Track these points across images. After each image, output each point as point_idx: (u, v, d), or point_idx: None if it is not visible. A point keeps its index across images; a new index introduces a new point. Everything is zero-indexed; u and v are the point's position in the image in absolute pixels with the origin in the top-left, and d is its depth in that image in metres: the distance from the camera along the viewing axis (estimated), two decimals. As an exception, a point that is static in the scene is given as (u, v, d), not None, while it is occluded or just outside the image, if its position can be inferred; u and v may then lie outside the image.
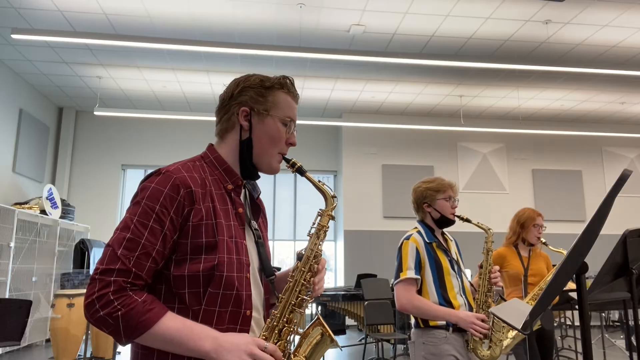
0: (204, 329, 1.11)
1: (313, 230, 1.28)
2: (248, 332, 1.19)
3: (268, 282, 1.29)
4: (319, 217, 1.30)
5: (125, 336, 1.06)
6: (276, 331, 1.19)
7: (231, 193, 1.27)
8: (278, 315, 1.20)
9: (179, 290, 1.14)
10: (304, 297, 1.22)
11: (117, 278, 1.06)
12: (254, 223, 1.31)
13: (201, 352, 1.08)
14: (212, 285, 1.14)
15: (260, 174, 1.35)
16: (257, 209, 1.37)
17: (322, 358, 1.29)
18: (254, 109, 1.29)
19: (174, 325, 1.08)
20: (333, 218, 1.31)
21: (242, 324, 1.18)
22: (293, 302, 1.21)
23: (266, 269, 1.29)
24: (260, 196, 1.43)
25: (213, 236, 1.16)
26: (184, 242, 1.15)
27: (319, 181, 1.33)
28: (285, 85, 1.32)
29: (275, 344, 1.17)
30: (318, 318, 1.26)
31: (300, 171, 1.30)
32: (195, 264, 1.14)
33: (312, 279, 1.24)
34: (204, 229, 1.16)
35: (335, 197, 1.32)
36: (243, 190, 1.34)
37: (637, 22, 6.19)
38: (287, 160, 1.31)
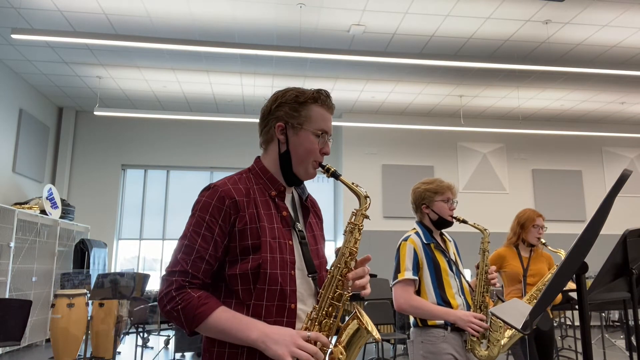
0: (251, 321, 1.26)
1: (347, 229, 1.38)
2: (294, 324, 1.32)
3: (311, 278, 1.40)
4: (353, 217, 1.40)
5: (187, 326, 1.25)
6: (317, 323, 1.30)
7: (275, 199, 1.41)
8: (318, 308, 1.31)
9: (234, 287, 1.31)
10: (342, 291, 1.32)
11: (177, 278, 1.26)
12: (298, 224, 1.43)
13: (249, 341, 1.23)
14: (259, 281, 1.29)
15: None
16: (307, 210, 1.50)
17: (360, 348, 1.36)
18: (289, 123, 1.41)
19: (224, 317, 1.25)
20: (367, 217, 1.40)
21: (288, 317, 1.31)
22: (331, 296, 1.32)
23: (308, 267, 1.39)
24: None
25: (257, 238, 1.32)
26: (234, 245, 1.31)
27: (353, 183, 1.44)
28: (319, 99, 1.43)
29: None
30: (356, 311, 1.34)
31: (335, 175, 1.45)
32: (244, 263, 1.30)
33: (347, 274, 1.33)
34: (249, 232, 1.32)
35: (368, 197, 1.43)
36: (290, 195, 1.48)
37: (637, 22, 6.19)
38: (323, 167, 1.44)
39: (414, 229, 2.46)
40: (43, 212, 7.28)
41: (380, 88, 8.40)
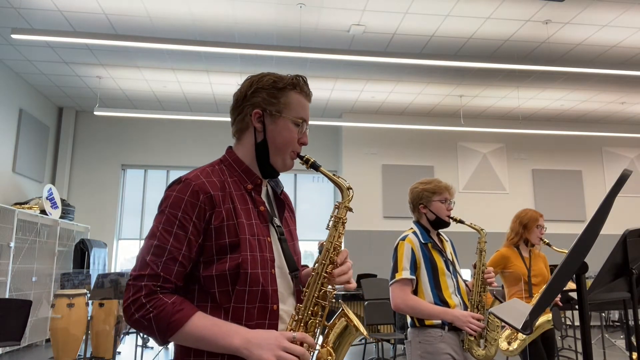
0: (232, 327, 1.16)
1: (330, 223, 1.31)
2: (277, 326, 1.24)
3: (293, 276, 1.32)
4: (336, 210, 1.32)
5: (160, 336, 1.13)
6: (302, 324, 1.23)
7: (252, 192, 1.31)
8: (303, 308, 1.24)
9: (209, 289, 1.20)
10: (327, 289, 1.25)
11: (147, 283, 1.14)
12: (276, 220, 1.34)
13: (231, 348, 1.13)
14: (238, 283, 1.19)
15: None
16: (282, 204, 1.41)
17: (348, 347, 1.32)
18: (267, 110, 1.31)
19: (202, 324, 1.14)
20: (351, 210, 1.33)
21: (270, 319, 1.23)
22: (316, 295, 1.25)
23: (289, 265, 1.32)
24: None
25: (235, 236, 1.21)
26: (209, 244, 1.20)
27: (334, 174, 1.35)
28: (298, 85, 1.34)
29: None
30: (342, 309, 1.29)
31: (315, 166, 1.33)
32: (221, 263, 1.20)
33: (333, 270, 1.26)
34: (226, 229, 1.21)
35: (350, 188, 1.35)
36: (265, 188, 1.38)
37: (637, 22, 6.19)
38: (301, 157, 1.35)
39: (412, 228, 2.47)
40: (43, 212, 7.28)
41: (380, 88, 8.40)
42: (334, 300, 1.31)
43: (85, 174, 9.39)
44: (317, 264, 1.27)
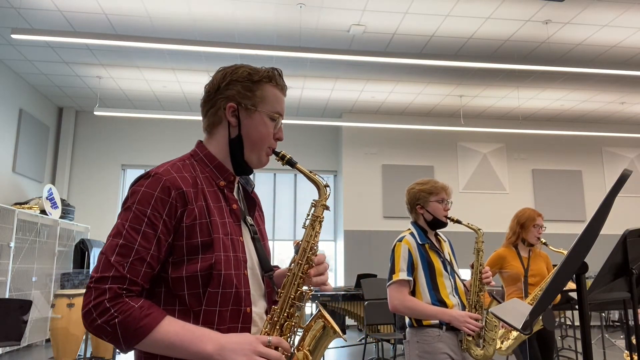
0: (204, 332, 1.09)
1: (307, 222, 1.26)
2: (250, 329, 1.18)
3: (267, 277, 1.27)
4: (313, 208, 1.28)
5: (125, 343, 1.05)
6: (277, 326, 1.18)
7: (224, 190, 1.25)
8: (278, 310, 1.19)
9: (178, 292, 1.13)
10: (303, 290, 1.21)
11: (112, 285, 1.05)
12: (249, 219, 1.29)
13: (203, 354, 1.06)
14: (211, 284, 1.13)
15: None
16: (252, 203, 1.36)
17: (324, 351, 1.28)
18: (242, 104, 1.25)
19: (173, 329, 1.07)
20: (327, 208, 1.28)
21: (243, 322, 1.17)
22: (292, 296, 1.20)
23: (264, 265, 1.27)
24: (261, 197, 1.43)
25: (208, 235, 1.15)
26: (180, 243, 1.13)
27: (310, 172, 1.29)
28: (273, 78, 1.28)
29: None
30: (320, 310, 1.25)
31: (291, 163, 1.28)
32: (192, 264, 1.13)
33: (309, 270, 1.22)
34: (199, 228, 1.14)
35: (328, 186, 1.30)
36: (236, 186, 1.32)
37: (637, 22, 6.19)
38: (277, 153, 1.28)
39: (409, 229, 2.48)
40: (43, 212, 7.28)
41: (380, 88, 8.39)
42: (314, 301, 1.27)
43: (85, 174, 9.39)
44: (293, 264, 1.22)
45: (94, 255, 7.93)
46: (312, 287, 1.23)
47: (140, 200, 1.12)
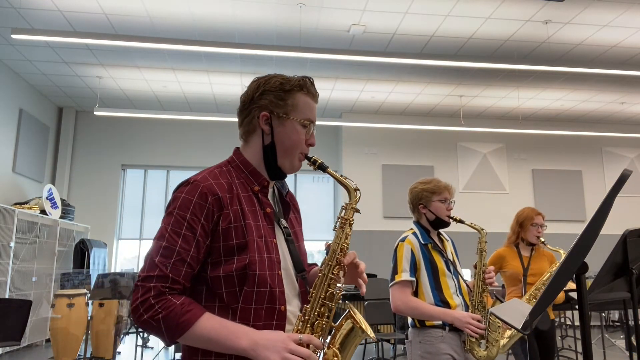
0: (240, 328, 1.17)
1: (337, 224, 1.32)
2: (284, 327, 1.25)
3: (300, 278, 1.33)
4: (343, 211, 1.33)
5: (168, 337, 1.15)
6: (309, 325, 1.24)
7: (258, 194, 1.33)
8: (309, 309, 1.25)
9: (217, 290, 1.22)
10: (334, 290, 1.26)
11: (156, 284, 1.15)
12: (283, 221, 1.36)
13: (238, 349, 1.15)
14: (246, 283, 1.21)
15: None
16: (287, 206, 1.43)
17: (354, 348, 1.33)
18: (274, 112, 1.32)
19: (210, 325, 1.16)
20: (358, 211, 1.33)
21: (277, 319, 1.24)
22: (323, 296, 1.25)
23: (296, 265, 1.33)
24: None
25: (243, 237, 1.23)
26: (217, 245, 1.22)
27: (341, 175, 1.35)
28: (304, 86, 1.34)
29: None
30: (349, 311, 1.30)
31: (323, 167, 1.34)
32: (229, 264, 1.21)
33: (340, 272, 1.27)
34: (234, 231, 1.23)
35: (358, 189, 1.35)
36: (271, 190, 1.39)
37: (637, 22, 6.19)
38: (309, 159, 1.35)
39: (411, 229, 2.46)
40: (43, 212, 7.28)
41: (380, 88, 8.40)
42: (340, 301, 1.31)
43: (85, 174, 9.39)
44: (323, 265, 1.28)
45: (94, 255, 7.94)
46: (342, 287, 1.29)
47: (181, 206, 1.22)
